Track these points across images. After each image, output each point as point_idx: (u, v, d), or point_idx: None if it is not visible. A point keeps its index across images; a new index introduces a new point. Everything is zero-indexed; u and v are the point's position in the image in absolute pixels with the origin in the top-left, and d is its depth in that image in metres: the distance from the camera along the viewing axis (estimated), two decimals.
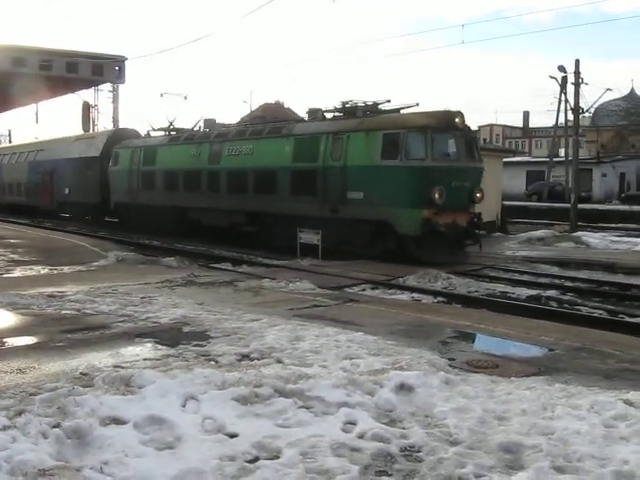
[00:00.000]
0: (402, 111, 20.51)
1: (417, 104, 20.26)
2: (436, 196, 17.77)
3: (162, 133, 30.09)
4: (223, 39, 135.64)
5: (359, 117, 20.44)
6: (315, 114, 22.78)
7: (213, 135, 26.15)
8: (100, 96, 55.29)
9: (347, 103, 21.42)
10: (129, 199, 30.58)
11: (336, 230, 19.60)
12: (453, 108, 20.69)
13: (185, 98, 40.00)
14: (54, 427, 4.85)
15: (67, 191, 36.53)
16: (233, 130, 25.73)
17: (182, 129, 29.37)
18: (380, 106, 20.99)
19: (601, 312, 13.35)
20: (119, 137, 33.66)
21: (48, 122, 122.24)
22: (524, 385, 6.41)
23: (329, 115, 22.41)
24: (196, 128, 28.89)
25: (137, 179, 29.91)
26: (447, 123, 18.76)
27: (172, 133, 29.38)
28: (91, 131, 50.18)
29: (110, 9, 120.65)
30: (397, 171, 18.27)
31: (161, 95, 36.17)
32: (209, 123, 28.28)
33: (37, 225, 32.27)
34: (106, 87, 55.08)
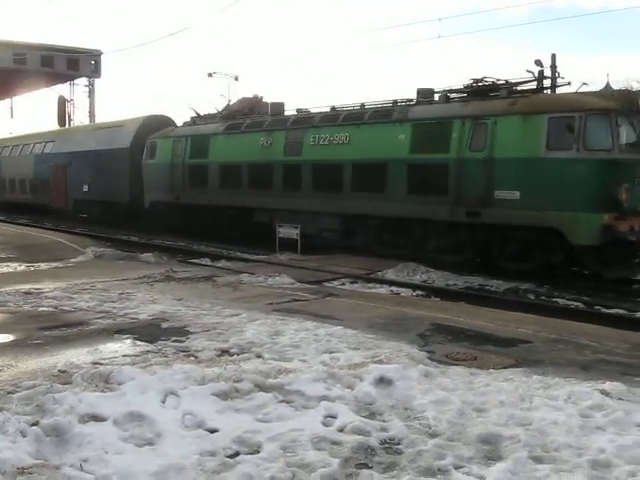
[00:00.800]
0: (547, 91, 16.96)
1: (569, 83, 17.02)
2: (623, 196, 14.45)
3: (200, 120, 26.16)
4: (200, 33, 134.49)
5: (504, 97, 16.52)
6: (428, 95, 18.57)
7: (290, 121, 21.62)
8: (76, 90, 54.86)
9: (480, 81, 17.46)
10: (171, 198, 25.69)
11: (474, 238, 16.75)
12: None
13: (236, 79, 36.14)
14: (32, 425, 4.82)
15: (86, 188, 31.51)
16: (318, 115, 21.07)
17: (235, 113, 25.13)
18: (521, 86, 17.13)
19: (578, 304, 13.49)
20: (152, 125, 28.62)
21: (23, 117, 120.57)
22: (502, 377, 6.47)
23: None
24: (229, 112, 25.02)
25: (182, 174, 25.18)
26: (630, 105, 15.19)
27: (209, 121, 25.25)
28: (67, 125, 49.58)
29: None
30: (572, 165, 14.72)
31: (210, 75, 31.84)
32: (276, 108, 23.54)
33: (13, 221, 31.92)
34: (82, 82, 54.68)
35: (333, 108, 20.96)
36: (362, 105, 20.21)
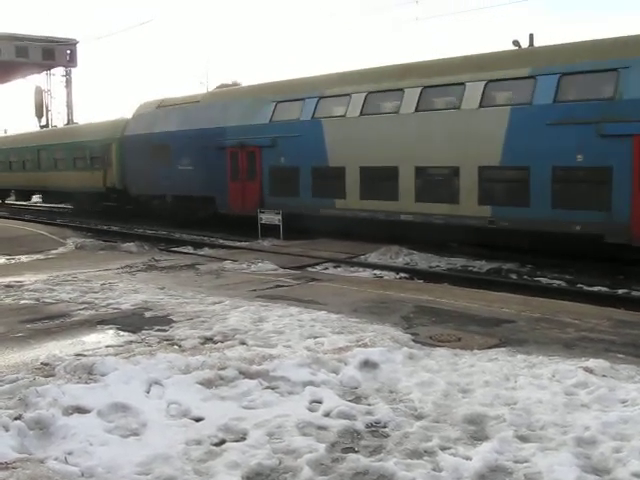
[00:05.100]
0: None
1: None
2: None
3: None
4: (168, 22, 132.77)
5: None
6: None
7: None
8: (53, 81, 54.33)
9: None
10: None
11: None
12: None
13: None
14: (16, 419, 4.77)
15: None
16: None
17: None
18: None
19: (560, 283, 13.56)
20: None
21: None
22: (486, 357, 6.49)
23: None
24: None
25: None
26: None
27: None
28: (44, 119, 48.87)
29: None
30: None
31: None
32: None
33: None
34: (59, 72, 54.15)
35: None
36: None
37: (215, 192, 22.81)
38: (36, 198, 40.72)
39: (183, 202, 24.51)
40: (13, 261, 14.66)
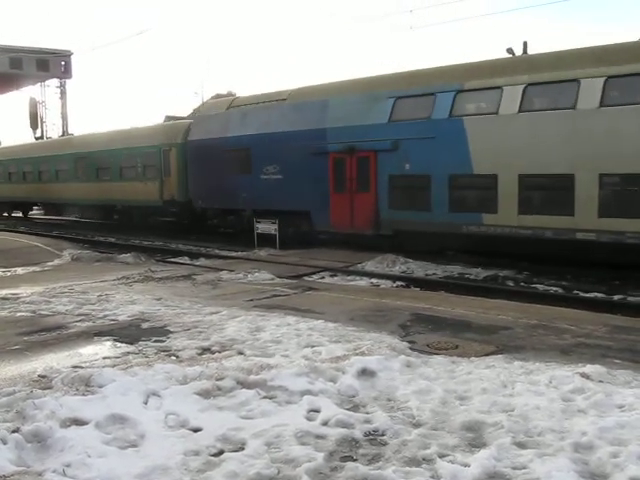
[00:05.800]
0: None
1: None
2: None
3: None
4: (163, 32, 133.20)
5: None
6: None
7: None
8: (47, 92, 54.37)
9: None
10: None
11: None
12: None
13: None
14: (13, 432, 4.76)
15: None
16: None
17: None
18: None
19: (557, 289, 13.58)
20: None
21: None
22: (484, 364, 6.50)
23: None
24: None
25: None
26: None
27: None
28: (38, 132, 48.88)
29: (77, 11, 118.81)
30: None
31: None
32: None
33: None
34: (54, 83, 54.20)
35: None
36: None
37: (311, 206, 19.35)
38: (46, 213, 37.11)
39: (267, 218, 20.47)
40: (9, 273, 14.63)
